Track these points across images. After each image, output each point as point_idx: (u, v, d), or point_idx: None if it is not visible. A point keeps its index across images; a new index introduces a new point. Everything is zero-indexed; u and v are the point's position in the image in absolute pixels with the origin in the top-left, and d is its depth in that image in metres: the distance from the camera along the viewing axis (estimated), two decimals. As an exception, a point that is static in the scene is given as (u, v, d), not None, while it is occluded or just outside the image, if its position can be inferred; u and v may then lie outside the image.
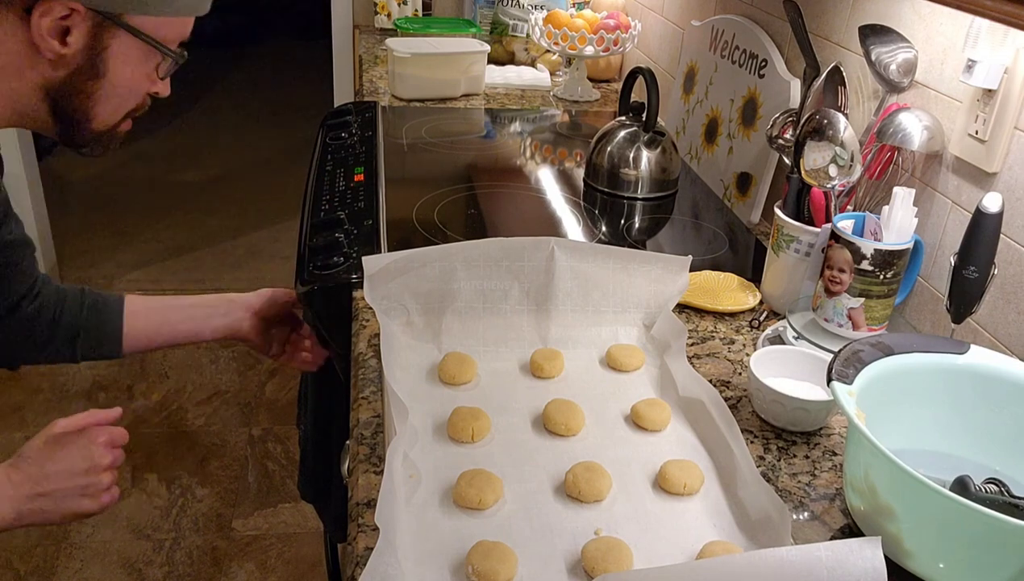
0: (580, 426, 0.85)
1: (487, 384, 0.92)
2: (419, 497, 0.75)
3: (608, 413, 0.88)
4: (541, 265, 0.97)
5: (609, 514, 0.75)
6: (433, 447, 0.82)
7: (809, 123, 1.00)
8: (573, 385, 0.92)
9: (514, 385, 0.92)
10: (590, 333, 0.98)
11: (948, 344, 0.81)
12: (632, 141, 1.48)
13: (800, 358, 0.94)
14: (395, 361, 0.89)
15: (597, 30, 1.95)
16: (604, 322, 0.99)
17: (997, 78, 0.92)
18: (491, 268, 0.96)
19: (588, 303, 0.98)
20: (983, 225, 0.83)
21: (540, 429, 0.85)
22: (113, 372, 2.56)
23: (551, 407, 0.86)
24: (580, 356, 0.96)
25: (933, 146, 1.01)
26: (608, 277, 0.98)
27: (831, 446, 0.88)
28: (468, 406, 0.85)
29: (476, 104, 2.01)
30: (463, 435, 0.82)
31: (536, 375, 0.93)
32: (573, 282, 0.98)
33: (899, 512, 0.67)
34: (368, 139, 1.63)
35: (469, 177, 1.56)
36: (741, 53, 1.51)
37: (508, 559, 0.67)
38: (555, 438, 0.84)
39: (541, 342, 0.97)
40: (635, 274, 0.98)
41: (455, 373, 0.91)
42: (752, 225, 1.41)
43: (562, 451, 0.82)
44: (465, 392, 0.90)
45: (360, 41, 2.58)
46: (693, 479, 0.77)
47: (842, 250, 0.93)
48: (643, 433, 0.85)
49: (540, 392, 0.90)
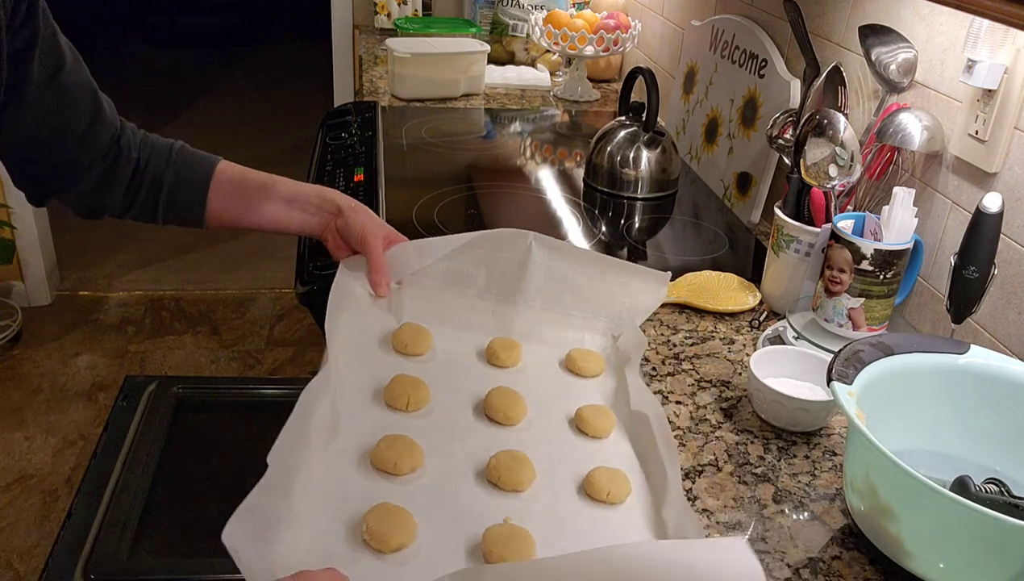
0: (520, 417, 0.83)
1: (439, 361, 0.91)
2: (336, 448, 0.74)
3: (552, 412, 0.86)
4: (516, 257, 0.96)
5: (524, 506, 0.73)
6: (366, 408, 0.81)
7: (809, 123, 1.00)
8: (525, 378, 0.90)
9: (466, 367, 0.91)
10: (555, 333, 0.97)
11: (948, 344, 0.81)
12: (632, 141, 1.48)
13: (800, 358, 0.94)
14: (349, 320, 0.88)
15: (597, 30, 1.95)
16: (571, 325, 0.97)
17: (997, 78, 0.92)
18: (465, 252, 0.96)
19: (559, 303, 0.97)
20: (983, 225, 0.83)
21: (480, 414, 0.84)
22: (113, 372, 2.56)
23: (494, 393, 0.84)
24: (540, 353, 0.95)
25: (933, 146, 1.01)
26: (583, 281, 0.97)
27: (831, 446, 0.88)
28: (411, 375, 0.84)
29: (476, 104, 2.01)
30: (399, 402, 0.81)
31: (491, 362, 0.92)
32: (547, 280, 0.96)
33: (899, 512, 0.67)
34: (368, 139, 1.63)
35: (469, 177, 1.56)
36: (741, 53, 1.51)
37: (406, 526, 0.66)
38: (492, 425, 0.82)
39: (504, 332, 0.96)
40: (612, 283, 0.97)
41: (408, 342, 0.90)
42: (752, 225, 1.41)
43: (496, 438, 0.80)
44: (414, 363, 0.89)
45: (360, 41, 2.58)
46: (618, 489, 0.74)
47: (842, 250, 0.93)
48: (583, 438, 0.83)
49: (490, 379, 0.88)
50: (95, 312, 2.87)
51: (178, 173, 0.95)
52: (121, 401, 1.36)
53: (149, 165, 0.94)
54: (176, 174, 0.95)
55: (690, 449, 0.86)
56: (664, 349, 1.04)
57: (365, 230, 0.94)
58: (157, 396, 1.38)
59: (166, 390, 1.39)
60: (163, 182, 0.95)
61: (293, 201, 0.97)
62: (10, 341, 2.64)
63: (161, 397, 1.37)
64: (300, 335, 2.79)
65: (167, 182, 0.95)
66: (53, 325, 2.77)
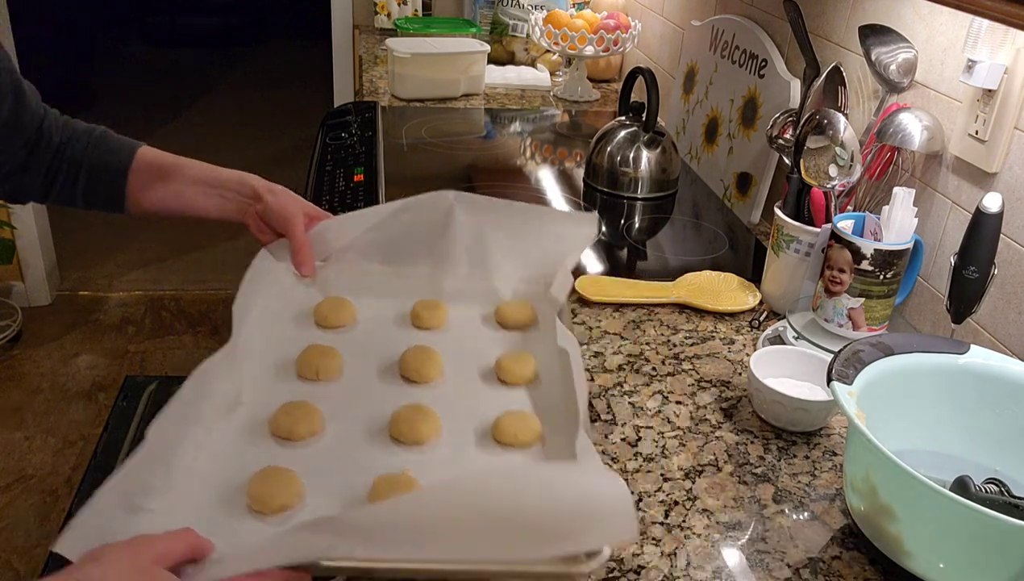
0: (434, 374, 0.82)
1: (360, 330, 0.90)
2: (234, 419, 0.74)
3: (471, 366, 0.84)
4: (440, 220, 0.94)
5: (426, 458, 0.71)
6: (274, 380, 0.80)
7: (809, 123, 1.00)
8: (449, 337, 0.89)
9: (387, 333, 0.89)
10: (483, 289, 0.95)
11: (948, 344, 0.81)
12: (632, 141, 1.48)
13: (800, 358, 0.94)
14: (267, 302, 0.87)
15: (597, 30, 1.95)
16: (500, 279, 0.95)
17: (997, 78, 0.92)
18: (390, 222, 0.95)
19: (486, 260, 0.95)
20: (983, 225, 0.83)
21: (395, 376, 0.82)
22: (113, 372, 2.56)
23: (408, 353, 0.83)
24: (468, 311, 0.93)
25: (933, 146, 1.01)
26: (510, 234, 0.95)
27: (831, 446, 0.88)
28: (324, 345, 0.83)
29: (476, 104, 2.01)
30: (307, 372, 0.81)
31: (415, 325, 0.91)
32: (472, 238, 0.95)
33: (899, 512, 0.67)
34: (368, 139, 1.63)
35: (469, 177, 1.56)
36: (741, 53, 1.51)
37: (290, 487, 0.65)
38: (406, 384, 0.81)
39: (430, 296, 0.94)
40: (538, 232, 0.95)
41: (329, 314, 0.89)
42: (752, 225, 1.41)
43: (406, 395, 0.79)
44: (333, 334, 0.88)
45: (360, 41, 2.58)
46: (526, 432, 0.73)
47: (842, 250, 0.93)
48: (500, 387, 0.81)
49: (410, 341, 0.87)
50: (95, 312, 2.87)
51: (97, 157, 0.95)
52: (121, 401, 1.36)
53: (68, 149, 0.94)
54: (95, 158, 0.95)
55: (690, 449, 0.86)
56: (664, 349, 1.04)
57: (285, 211, 0.93)
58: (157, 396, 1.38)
59: (166, 390, 1.39)
60: (81, 166, 0.95)
61: (212, 186, 0.97)
62: (10, 341, 2.64)
63: (161, 397, 1.38)
64: (300, 335, 2.79)
65: (85, 166, 0.95)
66: (53, 325, 2.77)
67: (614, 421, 0.90)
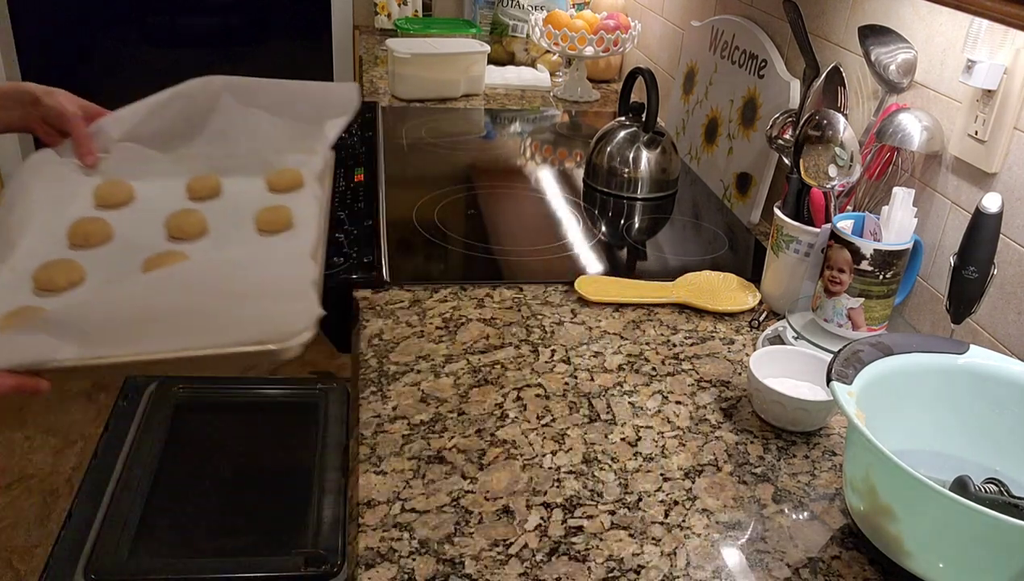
0: (199, 230, 0.90)
1: (138, 206, 0.97)
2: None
3: (235, 221, 0.94)
4: (210, 104, 1.04)
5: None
6: (46, 247, 0.87)
7: (809, 123, 1.01)
8: (219, 203, 0.98)
9: (162, 207, 0.96)
10: (255, 162, 1.04)
11: (948, 344, 0.81)
12: (632, 141, 1.48)
13: (800, 358, 0.94)
14: (45, 189, 0.93)
15: (597, 30, 1.95)
16: (271, 150, 1.05)
17: (997, 78, 0.92)
18: (164, 111, 1.02)
19: (257, 135, 1.04)
20: (983, 225, 0.83)
21: (163, 237, 0.90)
22: (113, 372, 2.55)
23: (173, 215, 0.91)
24: (241, 182, 1.02)
25: (933, 146, 1.01)
26: (277, 109, 1.05)
27: (831, 446, 0.88)
28: (97, 216, 0.90)
29: (476, 104, 2.01)
30: (77, 238, 0.87)
31: (190, 198, 0.99)
32: (243, 117, 1.04)
33: (899, 512, 0.67)
34: (368, 139, 1.63)
35: (469, 177, 1.56)
36: (741, 53, 1.51)
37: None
38: (172, 241, 0.89)
39: (208, 172, 1.02)
40: (304, 104, 1.06)
41: (106, 195, 0.95)
42: (752, 225, 1.41)
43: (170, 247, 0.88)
44: (112, 212, 0.94)
45: (360, 41, 2.58)
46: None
47: (842, 250, 0.94)
48: (260, 235, 0.91)
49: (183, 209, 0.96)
50: (95, 312, 2.86)
51: None
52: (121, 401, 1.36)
53: None
54: None
55: (690, 449, 0.86)
56: (664, 349, 1.04)
57: (64, 109, 0.98)
58: (157, 396, 1.38)
59: (166, 390, 1.39)
60: None
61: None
62: (10, 341, 2.64)
63: (161, 397, 1.38)
64: (300, 335, 2.79)
65: None
66: (53, 325, 2.77)
67: (614, 421, 0.90)
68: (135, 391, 1.38)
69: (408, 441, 0.84)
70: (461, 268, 1.19)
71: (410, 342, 1.00)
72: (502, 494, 0.78)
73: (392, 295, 1.10)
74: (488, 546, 0.72)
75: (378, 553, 0.71)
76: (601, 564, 0.71)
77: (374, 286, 1.11)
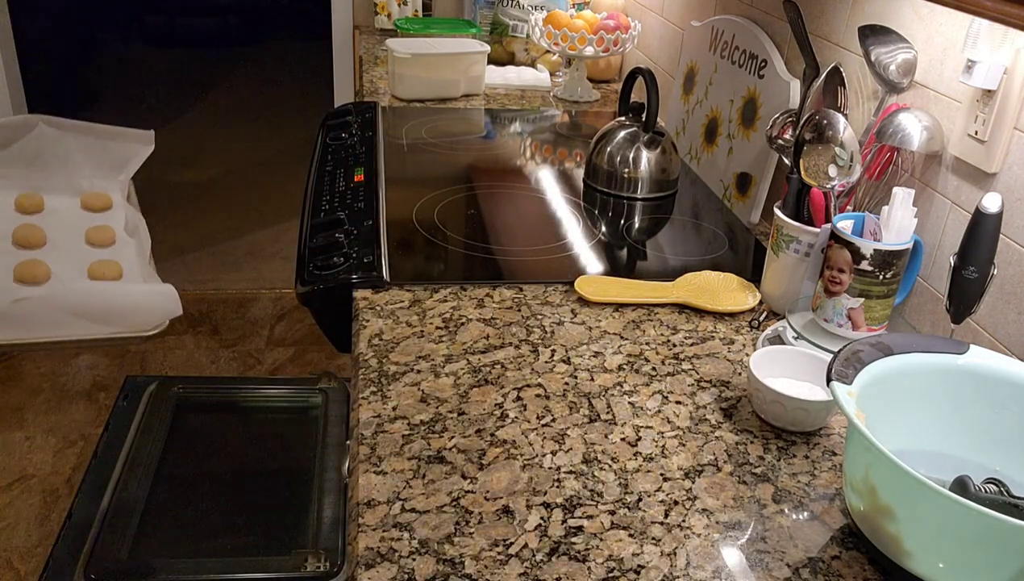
0: (41, 241, 1.05)
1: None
2: None
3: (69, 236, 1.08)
4: (32, 134, 1.22)
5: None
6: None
7: (809, 123, 1.01)
8: (50, 217, 1.14)
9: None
10: (71, 185, 1.24)
11: (948, 344, 0.81)
12: (632, 141, 1.48)
13: (800, 358, 0.94)
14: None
15: (597, 30, 1.95)
16: (83, 176, 1.28)
17: (997, 78, 0.92)
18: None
19: (69, 164, 1.26)
20: (983, 225, 0.83)
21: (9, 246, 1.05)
22: (113, 372, 2.56)
23: (17, 229, 1.02)
24: (62, 200, 1.22)
25: (933, 146, 1.01)
26: (87, 146, 1.28)
27: (831, 446, 0.88)
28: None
29: (476, 104, 2.01)
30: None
31: (19, 212, 1.15)
32: (59, 151, 1.23)
33: (899, 512, 0.67)
34: (368, 139, 1.63)
35: (469, 177, 1.56)
36: (741, 53, 1.51)
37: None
38: (18, 249, 1.02)
39: (31, 190, 1.21)
40: (108, 145, 1.29)
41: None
42: (752, 225, 1.41)
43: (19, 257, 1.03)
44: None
45: (360, 41, 2.58)
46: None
47: (842, 250, 0.94)
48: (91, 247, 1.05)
49: (18, 222, 1.10)
50: (95, 312, 2.87)
51: None
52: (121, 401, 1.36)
53: None
54: None
55: (690, 449, 0.86)
56: (664, 349, 1.04)
57: None
58: (157, 396, 1.38)
59: (166, 390, 1.39)
60: None
61: None
62: (10, 341, 2.65)
63: (161, 397, 1.38)
64: (300, 335, 2.79)
65: None
66: (53, 325, 2.77)
67: (614, 421, 0.90)
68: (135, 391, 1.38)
69: (408, 441, 0.84)
70: (461, 268, 1.20)
71: (410, 342, 1.00)
72: (502, 494, 0.78)
73: (392, 295, 1.10)
74: (488, 546, 0.72)
75: (378, 553, 0.71)
76: (601, 564, 0.71)
77: (374, 286, 1.11)
